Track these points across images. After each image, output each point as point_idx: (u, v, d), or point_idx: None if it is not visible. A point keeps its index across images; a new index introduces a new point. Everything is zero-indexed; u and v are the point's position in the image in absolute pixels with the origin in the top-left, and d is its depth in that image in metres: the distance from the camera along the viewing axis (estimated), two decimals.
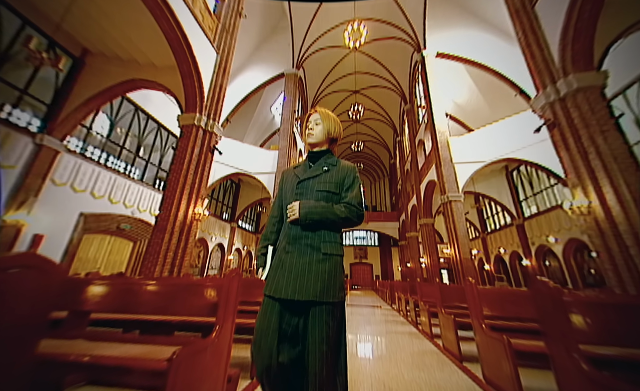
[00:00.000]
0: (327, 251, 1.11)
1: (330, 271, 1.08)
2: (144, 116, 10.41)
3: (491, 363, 1.88)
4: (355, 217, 1.17)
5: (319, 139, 1.32)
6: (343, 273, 1.14)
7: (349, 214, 1.16)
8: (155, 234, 4.75)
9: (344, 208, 1.17)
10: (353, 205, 1.17)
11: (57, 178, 7.25)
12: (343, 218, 1.15)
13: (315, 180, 1.24)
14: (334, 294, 1.05)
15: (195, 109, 6.01)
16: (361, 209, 1.21)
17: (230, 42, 7.40)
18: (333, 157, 1.35)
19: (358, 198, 1.20)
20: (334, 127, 1.35)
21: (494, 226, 16.14)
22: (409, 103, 17.54)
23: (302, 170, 1.31)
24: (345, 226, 1.19)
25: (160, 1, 5.21)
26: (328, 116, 1.37)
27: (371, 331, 4.04)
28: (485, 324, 2.01)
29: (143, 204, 9.94)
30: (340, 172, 1.26)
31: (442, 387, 1.96)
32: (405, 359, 2.65)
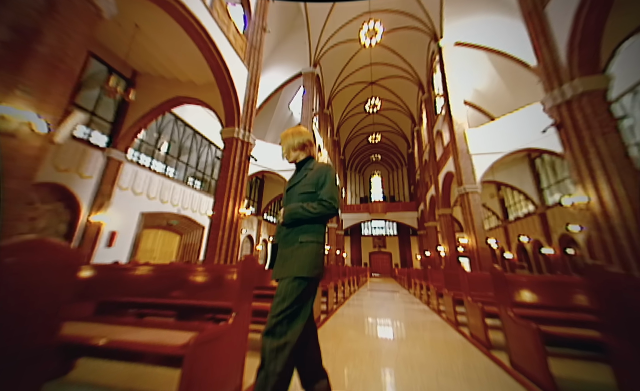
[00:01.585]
0: (303, 240, 1.34)
1: (305, 254, 1.30)
2: (181, 123, 11.71)
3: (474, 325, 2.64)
4: (327, 209, 1.36)
5: (289, 155, 1.55)
6: (319, 256, 1.33)
7: (321, 209, 1.35)
8: (212, 231, 5.90)
9: (317, 204, 1.36)
10: (324, 200, 1.36)
11: (122, 184, 8.72)
12: (316, 213, 1.34)
13: (298, 185, 1.45)
14: (308, 271, 1.26)
15: (234, 123, 7.01)
16: (331, 202, 1.37)
17: (258, 58, 8.24)
18: (311, 162, 1.53)
19: (329, 193, 1.38)
20: (292, 140, 1.54)
21: (516, 214, 15.99)
22: (426, 93, 17.42)
23: (290, 180, 1.55)
24: (323, 218, 1.38)
25: (202, 33, 6.14)
26: (285, 135, 1.58)
27: (392, 307, 4.89)
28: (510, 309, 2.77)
29: (185, 202, 11.38)
30: (316, 174, 1.44)
31: (440, 339, 2.77)
32: (417, 325, 3.49)
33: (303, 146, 1.53)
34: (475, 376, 1.89)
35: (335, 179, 1.46)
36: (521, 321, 1.76)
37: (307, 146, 1.54)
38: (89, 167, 7.90)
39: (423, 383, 1.76)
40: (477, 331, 2.60)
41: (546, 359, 1.53)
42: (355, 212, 25.85)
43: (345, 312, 4.39)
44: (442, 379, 1.84)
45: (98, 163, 8.18)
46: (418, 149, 21.65)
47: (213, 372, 1.26)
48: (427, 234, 18.96)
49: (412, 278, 8.81)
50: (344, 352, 2.35)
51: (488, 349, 2.38)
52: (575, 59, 4.75)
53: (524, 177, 13.88)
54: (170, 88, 8.87)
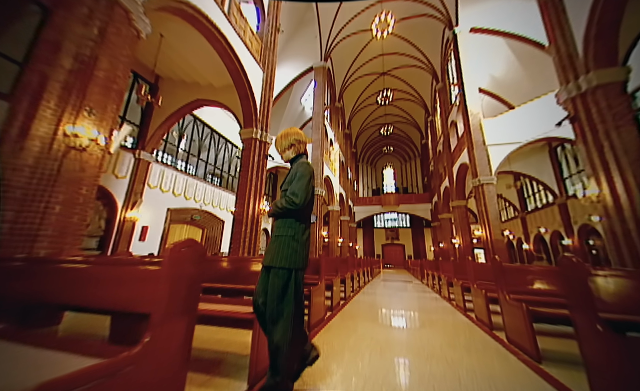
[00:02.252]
0: (278, 233, 1.47)
1: (277, 245, 1.44)
2: (200, 123, 12.33)
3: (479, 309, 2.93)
4: (288, 205, 1.43)
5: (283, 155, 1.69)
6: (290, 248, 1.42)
7: (285, 204, 1.44)
8: (236, 226, 6.44)
9: (282, 198, 1.47)
10: (288, 195, 1.45)
11: (151, 183, 9.48)
12: (282, 208, 1.45)
13: (284, 184, 1.58)
14: (278, 261, 1.40)
15: (252, 124, 7.43)
16: (292, 197, 1.43)
17: (272, 58, 8.56)
18: (297, 160, 1.64)
19: (294, 188, 1.46)
20: (282, 142, 1.66)
21: (534, 205, 15.57)
22: (440, 82, 17.04)
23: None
24: (290, 212, 1.46)
25: (222, 40, 6.52)
26: (277, 139, 1.71)
27: (405, 296, 5.23)
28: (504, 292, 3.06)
29: (206, 198, 12.10)
30: (292, 171, 1.57)
31: (448, 321, 3.09)
32: (428, 310, 3.82)
33: (291, 146, 1.64)
34: (474, 348, 2.22)
35: (306, 176, 1.49)
36: (514, 302, 2.06)
37: (294, 144, 1.63)
38: (123, 168, 8.66)
39: (428, 351, 2.11)
40: (481, 314, 2.90)
41: (533, 332, 1.84)
42: (367, 204, 25.97)
43: (361, 299, 4.78)
44: (445, 349, 2.18)
45: (130, 164, 8.94)
46: (432, 140, 21.30)
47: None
48: (441, 226, 18.87)
49: (424, 268, 9.05)
50: (363, 329, 2.74)
51: (490, 329, 2.68)
52: (591, 51, 4.71)
53: (544, 167, 13.47)
54: (191, 91, 9.41)
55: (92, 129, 3.05)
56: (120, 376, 0.72)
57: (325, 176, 15.07)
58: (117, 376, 0.71)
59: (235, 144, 14.59)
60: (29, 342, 0.96)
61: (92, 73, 3.19)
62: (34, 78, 2.84)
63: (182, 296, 0.92)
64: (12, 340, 0.98)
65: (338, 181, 18.99)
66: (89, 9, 3.26)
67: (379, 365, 1.83)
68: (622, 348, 1.09)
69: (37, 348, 0.92)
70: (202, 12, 5.54)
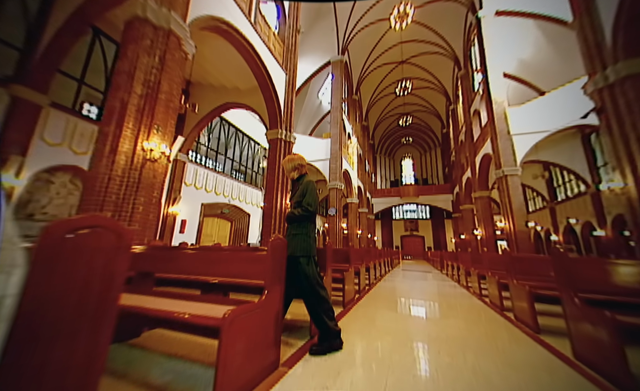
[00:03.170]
0: (295, 232, 2.01)
1: (297, 241, 1.96)
2: (225, 122, 13.15)
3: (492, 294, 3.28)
4: (305, 212, 1.99)
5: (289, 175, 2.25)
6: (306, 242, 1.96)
7: (302, 212, 2.00)
8: (265, 220, 7.12)
9: (301, 208, 2.02)
10: (304, 206, 2.01)
11: (187, 181, 10.46)
12: (299, 215, 2.01)
13: (294, 196, 2.13)
14: (300, 251, 1.92)
15: (277, 125, 7.98)
16: (307, 207, 1.99)
17: (294, 60, 8.97)
18: (302, 179, 2.18)
19: (307, 200, 2.01)
20: (289, 165, 2.21)
21: (564, 195, 14.84)
22: (463, 68, 16.43)
23: (291, 190, 2.35)
24: (305, 218, 2.01)
25: (249, 48, 7.04)
26: (284, 163, 2.25)
27: (424, 284, 5.62)
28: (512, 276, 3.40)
29: (234, 193, 13.01)
30: (302, 188, 2.10)
31: (465, 304, 3.47)
32: (445, 295, 4.21)
33: (295, 168, 2.20)
34: (485, 323, 2.61)
35: (314, 190, 2.09)
36: (519, 285, 2.41)
37: (297, 167, 2.19)
38: None
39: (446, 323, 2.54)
40: (494, 298, 3.25)
41: (534, 309, 2.21)
42: (385, 196, 25.94)
43: (384, 285, 5.25)
44: (461, 322, 2.60)
45: (169, 165, 9.93)
46: (453, 129, 20.68)
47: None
48: (462, 217, 18.57)
49: (444, 259, 9.27)
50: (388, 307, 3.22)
51: (501, 310, 3.03)
52: (621, 40, 4.62)
53: (576, 155, 12.77)
54: (219, 95, 10.13)
55: (162, 143, 3.74)
56: (257, 313, 1.27)
57: (344, 169, 15.39)
58: (255, 312, 1.26)
59: (257, 141, 15.35)
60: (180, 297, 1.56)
61: (157, 96, 3.86)
62: (116, 104, 3.54)
63: (277, 271, 1.46)
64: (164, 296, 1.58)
65: (356, 174, 19.21)
66: (150, 40, 3.91)
67: (404, 327, 2.31)
68: (592, 318, 1.47)
69: (188, 301, 1.51)
70: (234, 27, 6.07)
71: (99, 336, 0.73)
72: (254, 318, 1.21)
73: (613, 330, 1.28)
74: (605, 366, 1.38)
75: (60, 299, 0.64)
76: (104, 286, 0.77)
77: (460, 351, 1.90)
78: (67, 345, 0.65)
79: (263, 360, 1.29)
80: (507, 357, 1.77)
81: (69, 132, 7.16)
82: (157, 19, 3.96)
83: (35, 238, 0.63)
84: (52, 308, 0.63)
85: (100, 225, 0.68)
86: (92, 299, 0.73)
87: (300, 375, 1.46)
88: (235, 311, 1.10)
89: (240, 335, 1.10)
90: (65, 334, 0.66)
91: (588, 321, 1.45)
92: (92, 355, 0.71)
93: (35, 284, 0.60)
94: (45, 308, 0.62)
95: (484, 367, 1.62)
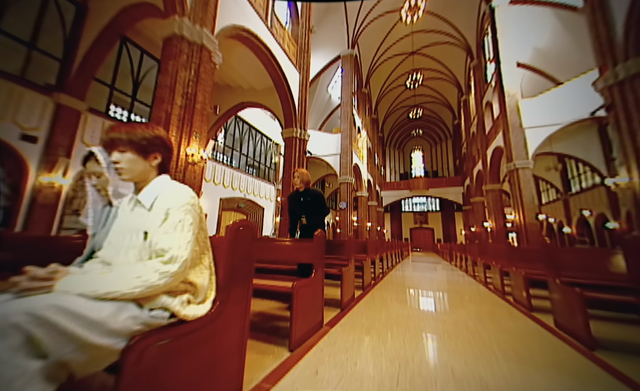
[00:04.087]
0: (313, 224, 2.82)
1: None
2: (239, 119, 13.65)
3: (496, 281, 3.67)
4: (324, 214, 2.86)
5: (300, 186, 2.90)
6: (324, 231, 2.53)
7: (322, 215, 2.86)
8: (283, 214, 7.64)
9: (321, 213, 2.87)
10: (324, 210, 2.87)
11: (206, 177, 11.10)
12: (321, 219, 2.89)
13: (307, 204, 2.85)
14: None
15: (292, 124, 8.40)
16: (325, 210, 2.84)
17: (307, 60, 9.29)
18: (309, 191, 2.91)
19: (323, 206, 2.86)
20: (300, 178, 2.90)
21: (579, 187, 14.64)
22: (476, 59, 16.17)
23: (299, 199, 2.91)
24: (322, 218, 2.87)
25: (267, 52, 7.42)
26: (301, 173, 2.93)
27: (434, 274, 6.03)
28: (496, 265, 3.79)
29: (248, 188, 13.62)
30: (312, 196, 2.86)
31: (473, 291, 3.87)
32: (453, 282, 4.62)
33: (305, 182, 2.92)
34: (487, 302, 3.02)
35: (323, 198, 2.91)
36: (517, 271, 2.79)
37: (307, 182, 2.93)
38: None
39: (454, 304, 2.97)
40: (497, 284, 3.63)
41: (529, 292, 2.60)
42: (394, 189, 26.06)
43: (396, 274, 5.69)
44: (466, 303, 3.02)
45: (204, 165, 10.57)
46: (465, 120, 20.44)
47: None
48: (473, 210, 18.59)
49: (453, 251, 9.60)
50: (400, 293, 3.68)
51: (503, 295, 3.42)
52: (632, 37, 4.72)
53: (591, 147, 12.56)
54: (236, 95, 10.60)
55: (200, 148, 4.25)
56: (310, 285, 1.75)
57: (354, 164, 15.69)
58: (309, 285, 1.74)
59: (269, 137, 15.82)
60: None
61: (194, 106, 4.36)
62: (162, 115, 4.06)
63: (321, 256, 1.93)
64: None
65: (366, 168, 19.45)
66: (187, 56, 4.38)
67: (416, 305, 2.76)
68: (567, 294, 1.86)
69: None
70: (254, 33, 6.47)
71: (249, 293, 1.18)
72: (308, 289, 1.68)
73: (580, 302, 1.67)
74: (575, 330, 1.78)
75: (240, 266, 1.12)
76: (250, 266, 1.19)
77: (463, 321, 2.33)
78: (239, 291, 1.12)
79: (314, 319, 1.78)
80: (501, 326, 2.19)
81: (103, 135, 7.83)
82: (191, 36, 4.42)
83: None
84: (237, 270, 1.11)
85: (246, 225, 1.14)
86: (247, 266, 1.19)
87: (340, 332, 1.94)
88: (298, 282, 1.57)
89: (302, 299, 1.55)
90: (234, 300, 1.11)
91: (564, 296, 1.84)
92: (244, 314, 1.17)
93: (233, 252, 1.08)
94: (234, 268, 1.07)
95: (481, 332, 2.05)
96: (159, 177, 0.97)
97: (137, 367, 0.68)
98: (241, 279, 1.07)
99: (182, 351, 0.80)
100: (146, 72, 8.87)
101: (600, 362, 1.55)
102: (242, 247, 1.08)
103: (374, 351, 1.66)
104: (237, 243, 1.06)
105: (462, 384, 1.30)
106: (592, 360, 1.58)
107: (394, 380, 1.31)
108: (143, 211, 0.91)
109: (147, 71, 8.90)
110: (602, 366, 1.51)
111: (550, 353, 1.70)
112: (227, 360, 0.98)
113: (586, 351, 1.68)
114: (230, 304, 1.00)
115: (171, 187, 0.94)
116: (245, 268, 1.10)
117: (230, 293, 1.01)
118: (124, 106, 8.57)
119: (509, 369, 1.46)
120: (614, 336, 1.93)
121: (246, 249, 1.11)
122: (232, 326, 1.01)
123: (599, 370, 1.48)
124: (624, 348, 1.78)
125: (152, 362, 0.71)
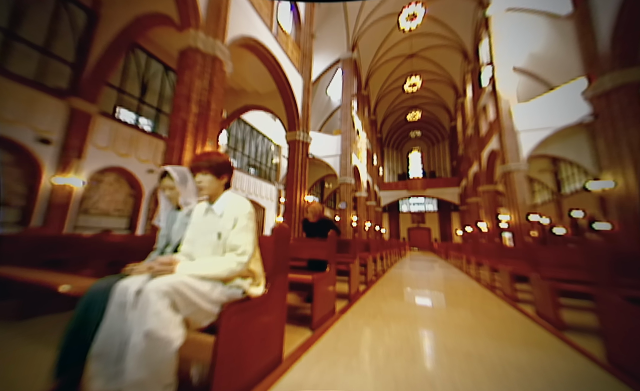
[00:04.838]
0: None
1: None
2: (241, 121, 13.92)
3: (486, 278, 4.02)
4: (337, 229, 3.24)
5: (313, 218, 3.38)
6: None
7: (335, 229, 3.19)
8: (286, 213, 7.96)
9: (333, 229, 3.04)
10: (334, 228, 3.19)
11: None
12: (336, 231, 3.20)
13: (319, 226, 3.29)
14: None
15: (295, 127, 8.70)
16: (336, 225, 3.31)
17: (309, 65, 9.58)
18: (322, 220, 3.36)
19: (335, 227, 3.24)
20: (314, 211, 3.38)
21: (572, 187, 15.12)
22: (472, 63, 16.58)
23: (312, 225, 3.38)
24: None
25: (271, 58, 7.71)
26: (313, 208, 3.42)
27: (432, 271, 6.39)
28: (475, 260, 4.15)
29: (250, 188, 13.91)
30: (326, 224, 3.31)
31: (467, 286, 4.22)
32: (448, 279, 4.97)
33: (318, 216, 3.36)
34: (478, 296, 3.37)
35: (333, 222, 3.36)
36: (505, 268, 3.15)
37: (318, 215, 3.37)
38: None
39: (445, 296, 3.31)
40: (488, 280, 3.99)
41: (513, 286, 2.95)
42: (393, 190, 26.45)
43: (395, 271, 6.04)
44: (459, 296, 3.37)
45: None
46: (462, 122, 20.87)
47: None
48: (469, 210, 19.03)
49: (449, 250, 9.99)
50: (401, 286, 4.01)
51: (492, 289, 3.78)
52: (618, 50, 5.08)
53: (582, 150, 13.01)
54: (239, 98, 10.86)
55: None
56: (325, 278, 2.07)
57: (354, 165, 16.01)
58: (325, 278, 2.07)
59: (269, 139, 16.10)
60: None
61: (208, 114, 4.65)
62: (179, 122, 4.36)
63: (334, 253, 2.26)
64: None
65: (365, 168, 19.79)
66: (201, 66, 4.67)
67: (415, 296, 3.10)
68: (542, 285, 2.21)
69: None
70: (259, 42, 6.76)
71: (286, 281, 1.48)
72: (324, 281, 2.01)
73: (552, 291, 2.02)
74: (549, 315, 2.14)
75: (281, 260, 1.42)
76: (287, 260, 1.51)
77: (456, 310, 2.68)
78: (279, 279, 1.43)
79: (328, 306, 2.10)
80: (488, 315, 2.54)
81: (112, 137, 8.09)
82: (205, 47, 4.71)
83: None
84: (279, 263, 1.41)
85: (285, 228, 1.46)
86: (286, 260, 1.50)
87: (351, 317, 2.28)
88: (317, 275, 1.90)
89: (320, 288, 1.87)
90: (277, 286, 1.43)
91: (540, 287, 2.18)
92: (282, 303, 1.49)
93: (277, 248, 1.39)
94: (277, 261, 1.39)
95: (470, 319, 2.39)
96: (226, 192, 1.29)
97: (227, 325, 1.00)
98: (282, 270, 1.39)
99: (250, 318, 1.13)
100: (152, 75, 9.13)
101: (566, 339, 1.89)
102: (283, 245, 1.40)
103: (381, 331, 1.99)
104: (280, 242, 1.38)
105: (451, 353, 1.64)
106: (560, 337, 1.92)
107: (399, 352, 1.64)
108: (215, 218, 1.22)
109: (153, 74, 9.17)
110: (567, 342, 1.85)
111: (526, 333, 2.04)
112: (274, 330, 1.30)
113: (556, 331, 2.03)
114: (275, 288, 1.32)
115: (236, 199, 1.26)
116: (285, 261, 1.43)
117: (275, 280, 1.33)
118: (129, 107, 8.82)
119: (489, 344, 1.80)
120: (581, 321, 2.29)
121: (285, 246, 1.43)
122: (277, 306, 1.33)
123: (563, 345, 1.82)
124: (587, 329, 2.13)
125: (234, 323, 1.04)
